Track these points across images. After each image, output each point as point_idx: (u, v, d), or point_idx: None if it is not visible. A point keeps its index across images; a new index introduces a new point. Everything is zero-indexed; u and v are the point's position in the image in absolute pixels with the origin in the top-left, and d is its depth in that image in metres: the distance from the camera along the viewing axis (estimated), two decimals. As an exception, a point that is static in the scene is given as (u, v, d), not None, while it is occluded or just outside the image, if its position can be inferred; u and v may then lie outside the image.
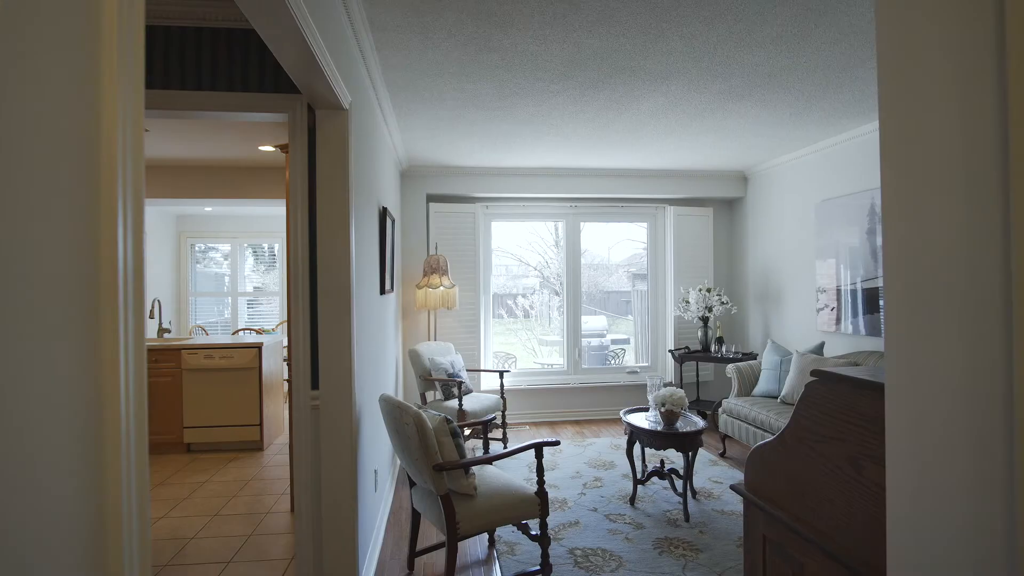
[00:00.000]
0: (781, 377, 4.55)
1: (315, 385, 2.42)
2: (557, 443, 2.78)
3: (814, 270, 5.01)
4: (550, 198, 6.11)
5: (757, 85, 3.40)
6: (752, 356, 5.48)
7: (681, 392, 3.65)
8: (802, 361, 4.34)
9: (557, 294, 9.26)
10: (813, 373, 1.41)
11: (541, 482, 2.76)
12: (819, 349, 4.51)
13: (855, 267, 4.48)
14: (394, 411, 2.61)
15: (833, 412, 1.36)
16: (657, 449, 3.62)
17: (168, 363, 4.93)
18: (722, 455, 4.81)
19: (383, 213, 3.78)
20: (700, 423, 3.72)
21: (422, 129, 4.33)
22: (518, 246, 8.59)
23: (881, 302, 4.22)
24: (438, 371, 4.81)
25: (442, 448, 2.57)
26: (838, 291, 4.69)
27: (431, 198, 5.89)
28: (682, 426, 3.70)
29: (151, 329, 6.46)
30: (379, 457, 3.44)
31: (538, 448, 2.79)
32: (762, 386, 4.66)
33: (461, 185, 5.77)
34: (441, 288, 5.26)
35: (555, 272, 9.14)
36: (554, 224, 9.67)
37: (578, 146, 4.90)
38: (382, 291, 3.75)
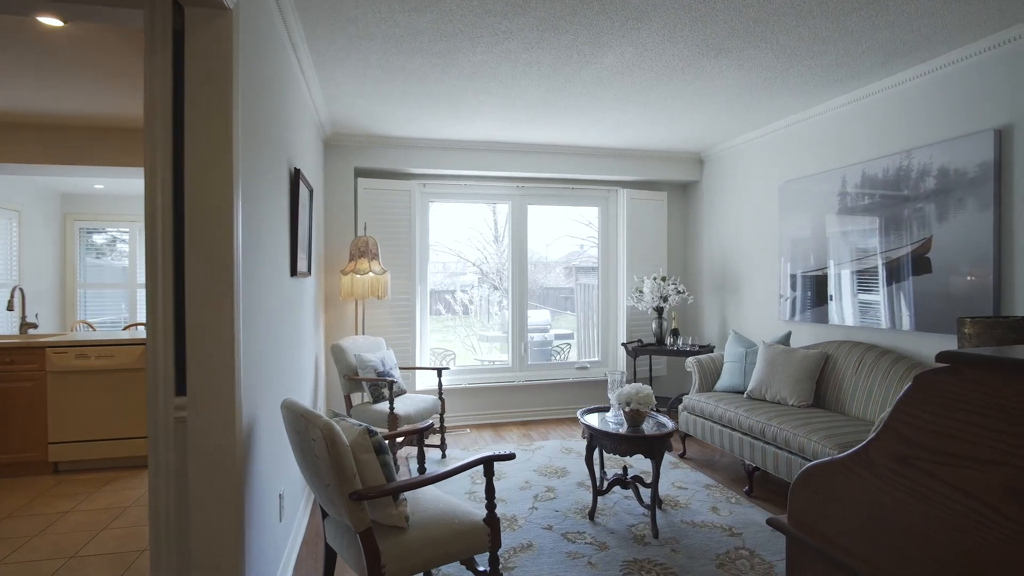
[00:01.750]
0: (746, 370, 4.18)
1: (180, 390, 1.75)
2: (511, 456, 2.22)
3: (777, 256, 4.69)
4: (495, 177, 5.54)
5: (739, 35, 2.96)
6: (709, 349, 5.12)
7: (648, 389, 3.17)
8: (770, 352, 3.98)
9: (496, 288, 8.81)
10: (941, 357, 0.91)
11: (491, 506, 2.19)
12: (786, 339, 4.17)
13: (826, 250, 4.16)
14: (298, 422, 1.97)
15: (979, 419, 0.86)
16: (622, 455, 3.12)
17: (29, 364, 4.01)
18: (682, 456, 4.40)
19: (296, 176, 3.09)
20: (669, 424, 3.25)
21: (347, 81, 3.64)
22: (456, 241, 8.18)
23: (847, 287, 3.92)
24: (366, 369, 4.15)
25: (362, 469, 1.95)
26: (804, 277, 4.38)
27: (360, 172, 5.18)
28: (649, 428, 3.22)
29: (7, 323, 5.43)
30: (286, 477, 2.77)
31: (488, 463, 2.21)
32: (725, 380, 4.28)
33: (395, 159, 5.10)
34: (370, 274, 4.58)
35: (494, 267, 8.72)
36: (493, 219, 9.22)
37: (528, 114, 4.35)
38: (294, 272, 3.07)
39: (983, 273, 3.06)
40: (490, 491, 2.19)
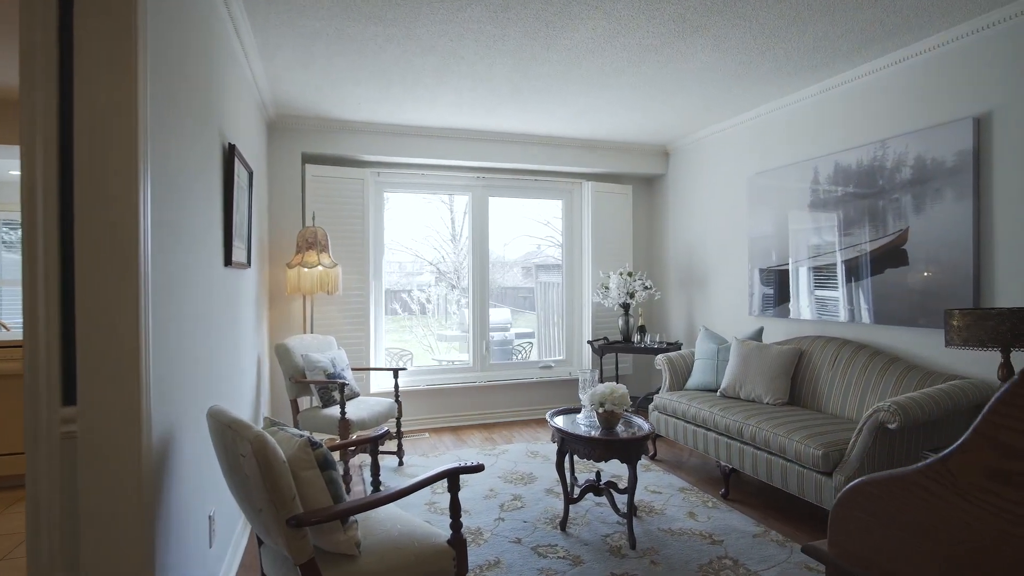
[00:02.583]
0: (719, 367, 4.03)
1: (69, 399, 1.40)
2: (479, 468, 1.94)
3: (745, 250, 4.57)
4: (455, 166, 5.25)
5: (718, 10, 2.77)
6: (677, 346, 4.97)
7: (623, 388, 2.95)
8: (743, 348, 3.83)
9: (454, 287, 8.54)
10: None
11: (457, 526, 1.91)
12: (758, 335, 4.04)
13: (797, 244, 4.05)
14: (224, 434, 1.64)
15: None
16: (596, 460, 2.89)
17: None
18: (653, 458, 4.22)
19: (230, 152, 2.73)
20: (645, 426, 3.04)
21: (291, 52, 3.29)
22: (413, 240, 7.95)
23: (822, 278, 3.81)
24: (314, 371, 3.79)
25: (304, 488, 1.64)
26: (773, 272, 4.26)
27: (308, 158, 4.80)
28: (624, 431, 3.01)
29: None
30: (218, 495, 2.41)
31: (453, 477, 1.93)
32: (697, 378, 4.12)
33: (347, 144, 4.74)
34: (319, 267, 4.21)
35: (452, 266, 8.49)
36: (451, 217, 8.95)
37: (491, 98, 4.08)
38: (228, 262, 2.71)
39: (962, 264, 2.97)
40: (455, 508, 1.90)
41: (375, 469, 2.32)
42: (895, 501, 0.88)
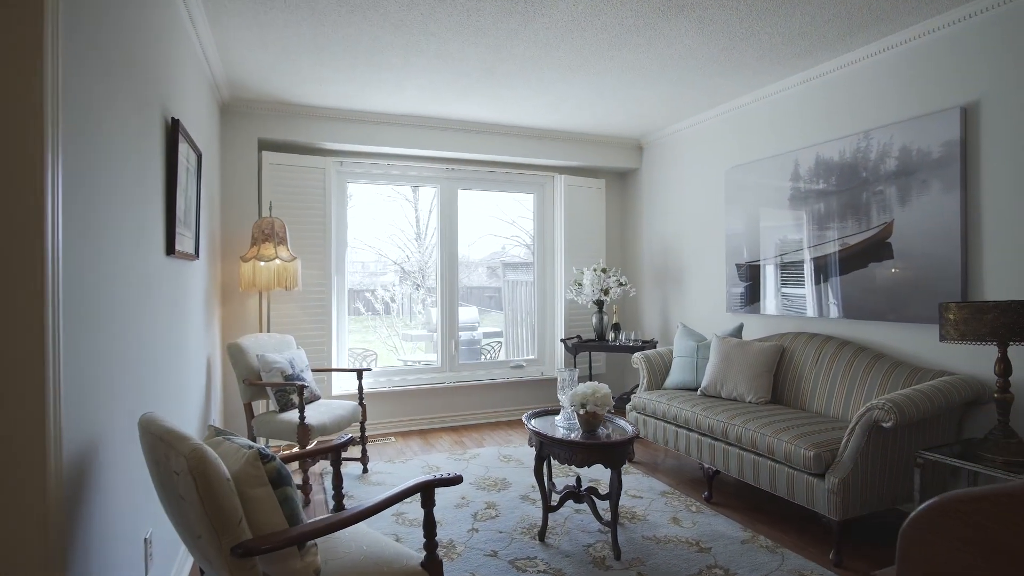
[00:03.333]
0: (698, 365, 3.90)
1: (-51, 406, 1.12)
2: (456, 480, 1.72)
3: (723, 245, 4.47)
4: (423, 156, 5.00)
5: (707, -14, 2.62)
6: (652, 344, 4.85)
7: (606, 388, 2.77)
8: (724, 346, 3.71)
9: (419, 287, 8.30)
10: None
11: (432, 546, 1.68)
12: (738, 331, 3.93)
13: (780, 238, 3.96)
14: (156, 447, 1.38)
15: None
16: (578, 466, 2.70)
17: None
18: (631, 460, 4.05)
19: (174, 128, 2.44)
20: (628, 428, 2.87)
21: (242, 21, 3.00)
22: (377, 238, 7.72)
23: (806, 274, 3.72)
24: (271, 372, 3.49)
25: (253, 509, 1.39)
26: (751, 267, 4.16)
27: (265, 145, 4.48)
28: (607, 433, 2.83)
29: None
30: (155, 515, 2.12)
31: (427, 490, 1.70)
32: (676, 377, 3.98)
33: (308, 131, 4.44)
34: (277, 261, 3.91)
35: (417, 266, 8.30)
36: (415, 216, 8.70)
37: (463, 83, 3.85)
38: (171, 250, 2.41)
39: (949, 257, 2.90)
40: (430, 526, 1.68)
41: (337, 482, 2.07)
42: (1004, 525, 0.70)
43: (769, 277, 4.03)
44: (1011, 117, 2.68)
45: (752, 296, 4.17)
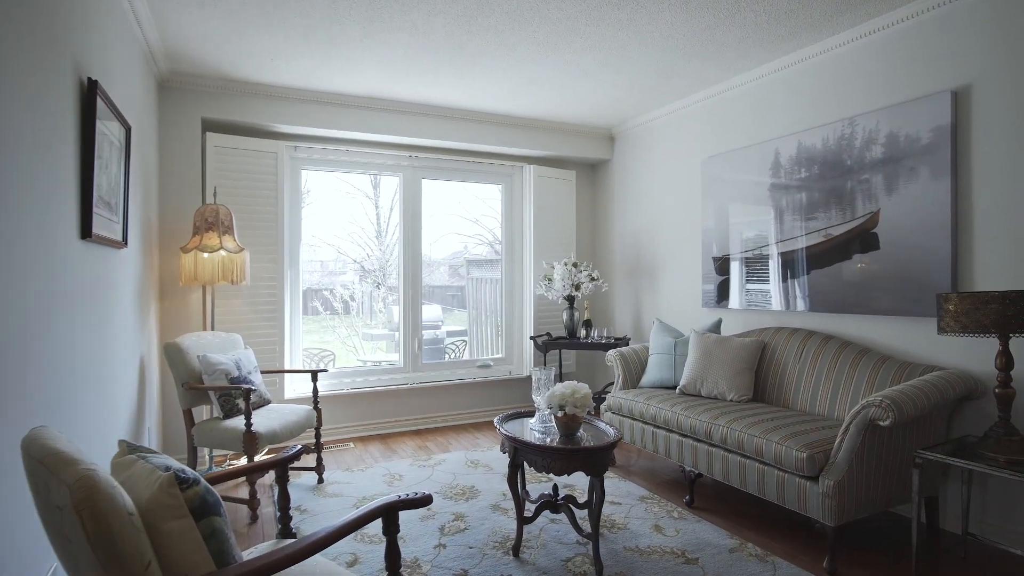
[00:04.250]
0: (676, 363, 3.73)
1: None
2: (426, 501, 1.46)
3: (699, 238, 4.31)
4: (384, 143, 4.68)
5: (695, -48, 2.42)
6: (625, 341, 4.66)
7: (586, 388, 2.55)
8: (703, 342, 3.54)
9: (379, 286, 8.00)
10: None
11: (395, 572, 1.42)
12: (717, 327, 3.77)
13: (758, 228, 3.82)
14: (36, 473, 1.07)
15: None
16: (557, 473, 2.47)
17: None
18: (612, 465, 3.85)
19: (91, 91, 2.09)
20: (610, 431, 2.66)
21: (179, -19, 2.65)
22: (336, 236, 7.42)
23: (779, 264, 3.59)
24: (214, 375, 3.14)
25: (170, 547, 1.10)
26: (729, 260, 4.02)
27: (210, 125, 4.09)
28: (587, 437, 2.61)
29: None
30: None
31: (390, 512, 1.43)
32: (653, 375, 3.80)
33: (258, 111, 4.08)
34: (222, 252, 3.55)
35: (378, 264, 8.04)
36: (376, 212, 8.38)
37: (428, 60, 3.57)
38: (87, 234, 2.07)
39: (939, 247, 2.78)
40: (393, 557, 1.41)
41: (284, 503, 1.77)
42: None
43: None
44: (1004, 100, 2.57)
45: (723, 293, 4.02)
